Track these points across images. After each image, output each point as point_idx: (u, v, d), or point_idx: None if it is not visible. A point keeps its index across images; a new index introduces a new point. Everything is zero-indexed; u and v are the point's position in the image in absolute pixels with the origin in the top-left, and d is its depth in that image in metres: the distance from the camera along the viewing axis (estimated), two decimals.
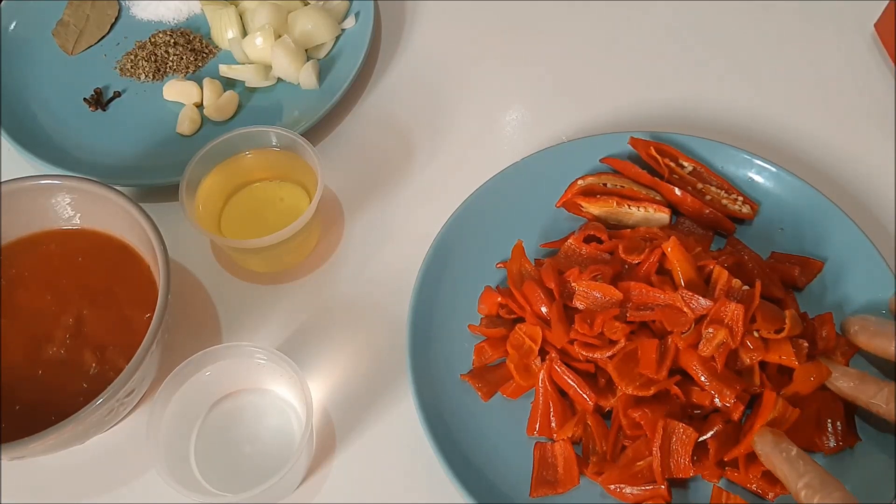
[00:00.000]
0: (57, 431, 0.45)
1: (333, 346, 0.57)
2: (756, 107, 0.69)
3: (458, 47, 0.74)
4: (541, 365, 0.51)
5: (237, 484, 0.50)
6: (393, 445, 0.53)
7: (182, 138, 0.68)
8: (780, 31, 0.74)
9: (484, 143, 0.68)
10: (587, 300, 0.52)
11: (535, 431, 0.51)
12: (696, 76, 0.71)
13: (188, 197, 0.57)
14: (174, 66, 0.72)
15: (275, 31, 0.70)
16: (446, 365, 0.54)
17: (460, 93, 0.71)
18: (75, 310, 0.53)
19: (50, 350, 0.51)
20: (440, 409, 0.51)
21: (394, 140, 0.68)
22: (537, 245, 0.59)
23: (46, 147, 0.66)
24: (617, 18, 0.76)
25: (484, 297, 0.56)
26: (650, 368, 0.48)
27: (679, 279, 0.51)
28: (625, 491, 0.48)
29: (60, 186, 0.55)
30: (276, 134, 0.59)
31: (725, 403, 0.48)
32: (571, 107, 0.69)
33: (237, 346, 0.50)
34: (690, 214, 0.58)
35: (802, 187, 0.58)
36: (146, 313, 0.52)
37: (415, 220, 0.63)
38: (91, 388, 0.50)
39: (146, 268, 0.54)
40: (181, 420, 0.50)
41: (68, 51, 0.74)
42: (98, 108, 0.70)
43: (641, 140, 0.60)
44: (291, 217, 0.55)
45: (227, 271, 0.61)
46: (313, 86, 0.69)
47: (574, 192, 0.59)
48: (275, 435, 0.52)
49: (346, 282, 0.61)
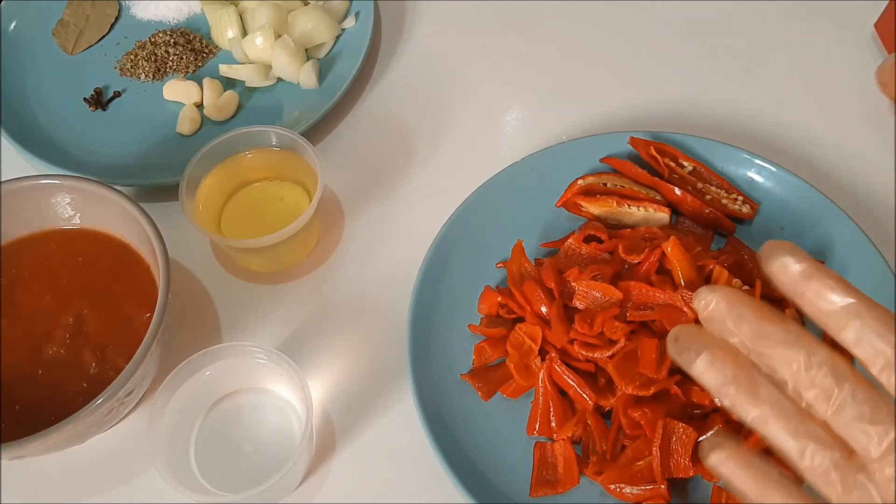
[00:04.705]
0: (57, 431, 0.45)
1: (333, 346, 0.57)
2: (756, 107, 0.69)
3: (458, 47, 0.74)
4: (541, 365, 0.51)
5: (237, 484, 0.50)
6: (393, 445, 0.53)
7: (182, 138, 0.68)
8: (780, 30, 0.74)
9: (484, 143, 0.68)
10: (587, 300, 0.52)
11: (535, 431, 0.51)
12: (696, 76, 0.71)
13: (188, 197, 0.57)
14: (174, 66, 0.72)
15: (275, 30, 0.70)
16: (446, 365, 0.54)
17: (460, 92, 0.71)
18: (75, 310, 0.53)
19: (50, 350, 0.51)
20: (440, 409, 0.51)
21: (394, 140, 0.68)
22: (537, 245, 0.59)
23: (46, 147, 0.66)
24: (617, 18, 0.76)
25: (484, 297, 0.56)
26: (650, 368, 0.48)
27: (679, 279, 0.51)
28: (625, 490, 0.48)
29: (60, 186, 0.55)
30: (276, 134, 0.59)
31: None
32: (571, 107, 0.69)
33: (237, 346, 0.50)
34: (690, 214, 0.58)
35: (802, 187, 0.58)
36: (146, 313, 0.52)
37: (415, 220, 0.63)
38: (91, 387, 0.50)
39: (146, 268, 0.54)
40: (181, 420, 0.50)
41: (68, 51, 0.74)
42: (98, 107, 0.70)
43: (641, 140, 0.60)
44: (291, 217, 0.55)
45: (227, 271, 0.61)
46: (313, 85, 0.69)
47: (574, 191, 0.59)
48: (275, 435, 0.52)
49: (346, 282, 0.61)
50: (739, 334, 0.32)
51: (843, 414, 0.30)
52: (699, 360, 0.32)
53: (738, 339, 0.32)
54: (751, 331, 0.32)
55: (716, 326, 0.32)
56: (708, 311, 0.32)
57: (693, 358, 0.32)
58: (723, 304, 0.32)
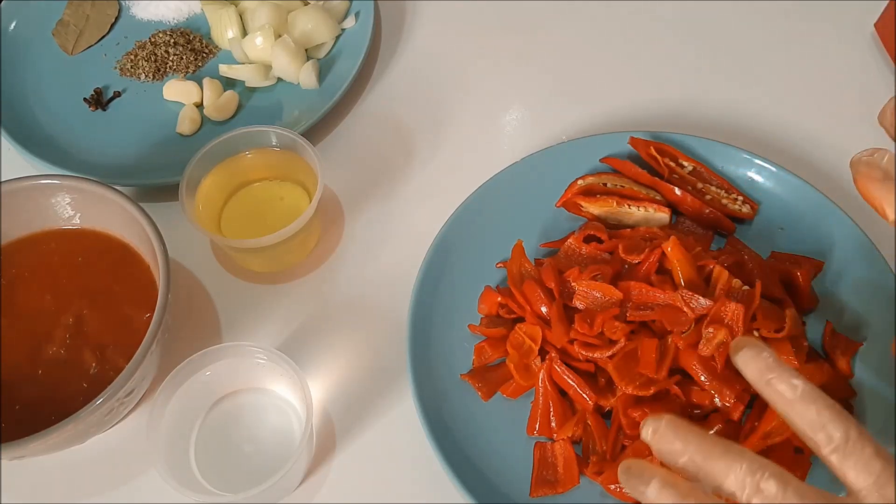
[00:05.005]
0: (57, 431, 0.45)
1: (333, 346, 0.57)
2: (756, 106, 0.69)
3: (458, 47, 0.74)
4: (541, 365, 0.51)
5: (237, 484, 0.50)
6: (393, 445, 0.53)
7: (182, 138, 0.68)
8: (780, 30, 0.74)
9: (484, 143, 0.68)
10: (587, 300, 0.52)
11: (535, 431, 0.51)
12: (696, 76, 0.71)
13: (188, 197, 0.57)
14: (174, 66, 0.72)
15: (275, 30, 0.70)
16: (446, 365, 0.54)
17: (460, 92, 0.71)
18: (75, 310, 0.53)
19: (50, 350, 0.51)
20: (440, 409, 0.52)
21: (394, 140, 0.68)
22: (537, 245, 0.59)
23: (46, 147, 0.66)
24: (617, 18, 0.76)
25: (484, 297, 0.56)
26: (650, 368, 0.48)
27: (679, 279, 0.51)
28: (625, 490, 0.48)
29: (60, 186, 0.55)
30: (276, 134, 0.59)
31: (725, 403, 0.48)
32: (571, 107, 0.69)
33: (237, 346, 0.50)
34: (690, 214, 0.58)
35: (802, 187, 0.58)
36: (146, 313, 0.52)
37: (415, 220, 0.63)
38: (91, 387, 0.50)
39: (146, 268, 0.54)
40: (181, 420, 0.50)
41: (68, 51, 0.74)
42: (98, 108, 0.70)
43: (641, 140, 0.60)
44: (291, 217, 0.55)
45: (227, 271, 0.61)
46: (313, 85, 0.69)
47: (574, 191, 0.59)
48: (275, 435, 0.52)
49: (346, 282, 0.61)
50: (686, 451, 0.34)
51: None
52: (652, 484, 0.34)
53: (686, 458, 0.34)
54: (696, 447, 0.34)
55: (665, 448, 0.35)
56: (657, 435, 0.35)
57: (644, 484, 0.35)
58: (669, 427, 0.35)
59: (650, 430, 0.35)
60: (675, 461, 0.35)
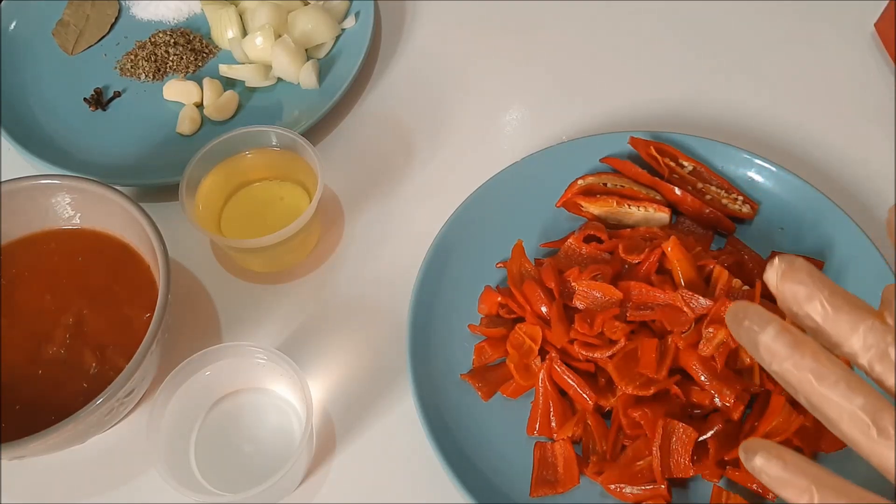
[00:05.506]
0: (57, 431, 0.45)
1: (333, 346, 0.57)
2: (756, 106, 0.69)
3: (458, 47, 0.74)
4: (541, 365, 0.51)
5: (237, 484, 0.50)
6: (393, 445, 0.53)
7: (182, 138, 0.68)
8: (780, 30, 0.74)
9: (484, 143, 0.68)
10: (587, 300, 0.52)
11: (535, 431, 0.51)
12: (696, 76, 0.71)
13: (188, 197, 0.57)
14: (174, 66, 0.72)
15: (275, 30, 0.70)
16: (446, 365, 0.54)
17: (460, 92, 0.71)
18: (75, 309, 0.53)
19: (50, 350, 0.51)
20: (440, 409, 0.51)
21: (394, 140, 0.68)
22: (537, 245, 0.59)
23: (46, 147, 0.66)
24: (617, 18, 0.76)
25: (484, 297, 0.56)
26: (650, 368, 0.48)
27: (679, 279, 0.51)
28: (625, 490, 0.48)
29: (60, 186, 0.55)
30: (276, 134, 0.59)
31: (725, 403, 0.48)
32: (571, 107, 0.69)
33: (237, 346, 0.50)
34: (690, 214, 0.58)
35: (802, 187, 0.58)
36: (146, 313, 0.52)
37: (415, 220, 0.63)
38: (91, 387, 0.50)
39: (146, 268, 0.54)
40: (181, 420, 0.50)
41: (68, 51, 0.74)
42: (98, 108, 0.70)
43: (641, 140, 0.60)
44: (291, 217, 0.55)
45: (227, 271, 0.61)
46: (313, 85, 0.69)
47: (574, 191, 0.59)
48: (275, 435, 0.52)
49: (347, 281, 0.61)
50: (815, 296, 0.30)
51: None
52: (769, 329, 0.30)
53: (815, 303, 0.30)
54: (829, 292, 0.30)
55: (792, 290, 0.31)
56: (789, 270, 0.31)
57: (761, 327, 0.31)
58: (803, 267, 0.31)
59: (783, 266, 0.31)
60: (800, 306, 0.31)
